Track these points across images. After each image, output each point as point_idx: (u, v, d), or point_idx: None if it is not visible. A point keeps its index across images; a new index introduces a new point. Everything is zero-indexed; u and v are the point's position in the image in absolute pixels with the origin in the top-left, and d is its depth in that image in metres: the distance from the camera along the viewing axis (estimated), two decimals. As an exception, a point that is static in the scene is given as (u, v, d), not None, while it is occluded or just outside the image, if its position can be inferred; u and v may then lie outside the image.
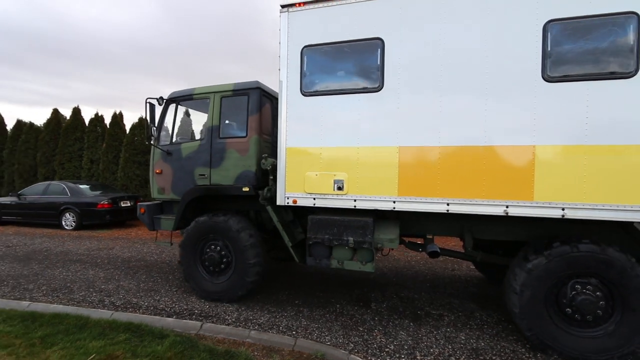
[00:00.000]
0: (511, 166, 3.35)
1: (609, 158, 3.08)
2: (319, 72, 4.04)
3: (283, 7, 4.04)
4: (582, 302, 3.16)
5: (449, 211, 3.54)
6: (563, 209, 3.20)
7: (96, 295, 4.61)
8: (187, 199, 4.61)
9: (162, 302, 4.42)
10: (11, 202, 10.47)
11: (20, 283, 5.06)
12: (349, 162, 3.86)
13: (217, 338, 3.46)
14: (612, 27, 3.06)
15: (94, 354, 3.00)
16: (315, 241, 4.05)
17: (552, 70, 3.21)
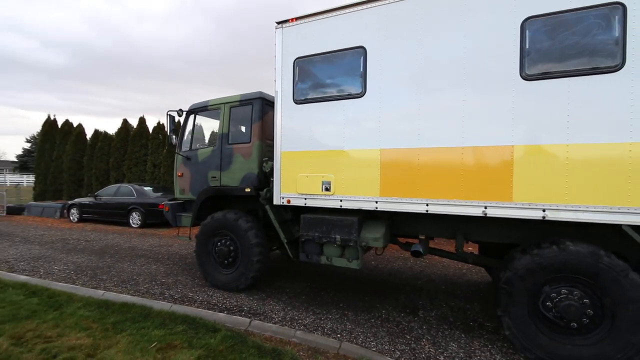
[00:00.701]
0: (490, 167, 3.32)
1: (593, 157, 2.94)
2: (309, 81, 4.29)
3: (278, 23, 4.41)
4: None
5: (429, 211, 3.59)
6: (544, 210, 3.12)
7: (158, 288, 5.04)
8: (201, 198, 5.18)
9: (214, 298, 4.68)
10: (89, 202, 11.87)
11: (97, 274, 5.71)
12: (335, 165, 4.09)
13: (264, 335, 3.58)
14: (595, 20, 2.93)
15: (156, 342, 3.27)
16: (307, 238, 4.32)
17: (530, 68, 3.15)
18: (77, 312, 3.91)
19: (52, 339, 3.31)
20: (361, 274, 5.90)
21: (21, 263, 6.29)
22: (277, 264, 6.42)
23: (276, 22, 4.43)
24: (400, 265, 6.59)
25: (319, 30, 4.17)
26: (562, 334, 3.10)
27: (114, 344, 3.24)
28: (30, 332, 3.42)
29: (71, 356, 2.99)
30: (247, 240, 4.70)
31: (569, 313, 3.03)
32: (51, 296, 4.41)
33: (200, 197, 5.21)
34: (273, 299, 4.69)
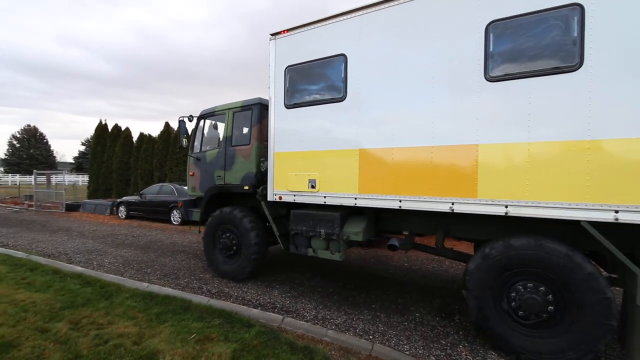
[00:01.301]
0: (456, 165, 3.45)
1: (553, 154, 3.01)
2: (298, 87, 4.64)
3: (272, 35, 4.78)
4: None
5: (401, 207, 3.81)
6: (506, 207, 3.21)
7: (196, 283, 5.28)
8: (208, 195, 5.78)
9: (248, 294, 4.83)
10: (135, 200, 12.73)
11: (142, 267, 6.11)
12: (319, 164, 4.41)
13: (296, 333, 3.63)
14: (554, 22, 3.01)
15: (195, 334, 3.44)
16: (296, 232, 4.72)
17: (494, 70, 3.26)
18: (125, 302, 4.20)
19: (104, 326, 3.59)
20: (394, 276, 5.79)
21: (77, 255, 6.89)
22: (309, 264, 6.48)
23: (270, 34, 4.82)
24: (434, 267, 6.38)
25: (306, 40, 4.53)
26: (523, 325, 3.23)
27: (157, 333, 3.44)
28: (85, 319, 3.74)
29: (120, 343, 3.23)
30: (243, 226, 5.21)
31: (530, 306, 3.15)
32: (102, 286, 4.78)
33: (207, 194, 5.79)
34: (305, 297, 4.74)
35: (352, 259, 6.86)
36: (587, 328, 2.93)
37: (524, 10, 3.10)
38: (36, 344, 3.20)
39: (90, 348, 3.14)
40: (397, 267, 6.40)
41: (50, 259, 6.38)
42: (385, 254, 7.37)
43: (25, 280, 4.99)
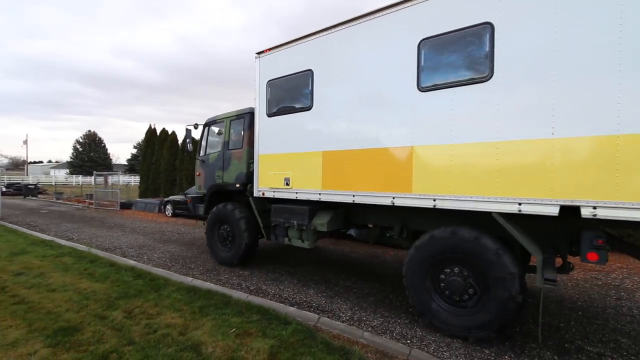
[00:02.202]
0: (396, 164, 3.97)
1: (470, 155, 3.43)
2: (276, 98, 5.33)
3: (257, 54, 5.54)
4: None
5: (354, 202, 4.35)
6: (434, 200, 3.67)
7: (236, 279, 5.50)
8: (209, 192, 6.63)
9: (285, 292, 4.93)
10: (180, 199, 13.53)
11: (186, 262, 6.48)
12: (292, 164, 5.08)
13: (332, 333, 3.64)
14: (471, 38, 3.42)
15: (235, 328, 3.58)
16: (276, 223, 5.47)
17: (424, 81, 3.73)
18: (172, 295, 4.48)
19: (153, 316, 3.86)
20: (432, 279, 5.59)
21: (130, 250, 7.47)
22: (345, 265, 6.46)
23: (255, 53, 5.57)
24: (477, 272, 6.06)
25: (283, 57, 5.22)
26: (451, 305, 3.66)
27: (201, 326, 3.63)
28: (137, 309, 4.05)
29: (167, 332, 3.45)
30: (235, 216, 5.98)
31: (455, 288, 3.59)
32: (152, 279, 5.14)
33: (209, 191, 6.65)
34: (341, 297, 4.73)
35: (389, 261, 6.73)
36: (499, 303, 3.30)
37: (448, 29, 3.56)
38: (96, 329, 3.52)
39: (142, 336, 3.39)
40: (436, 270, 6.17)
41: (108, 253, 6.98)
42: (423, 256, 7.13)
43: (87, 271, 5.51)
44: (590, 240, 3.03)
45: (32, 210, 15.19)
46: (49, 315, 3.82)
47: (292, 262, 6.59)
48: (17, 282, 4.94)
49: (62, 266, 5.80)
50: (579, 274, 5.87)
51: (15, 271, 5.48)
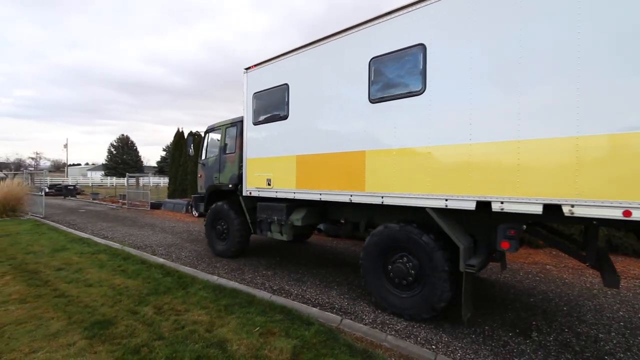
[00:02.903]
0: (353, 166, 4.55)
1: (408, 157, 4.00)
2: (260, 108, 6.05)
3: (245, 69, 6.29)
4: None
5: (321, 199, 5.01)
6: (382, 197, 4.24)
7: (260, 279, 5.59)
8: (208, 192, 7.48)
9: (307, 293, 4.95)
10: (206, 200, 13.91)
11: (212, 261, 6.66)
12: (273, 166, 5.76)
13: (355, 335, 3.61)
14: (408, 57, 3.97)
15: (259, 327, 3.63)
16: (261, 219, 6.23)
17: (374, 94, 4.32)
18: (198, 293, 4.62)
19: (181, 312, 4.00)
20: (459, 284, 5.42)
21: (160, 248, 7.78)
22: (367, 266, 6.40)
23: (244, 69, 6.30)
24: (507, 277, 5.82)
25: (266, 73, 5.91)
26: (394, 286, 4.20)
27: (226, 323, 3.72)
28: (166, 305, 4.21)
29: (194, 329, 3.56)
30: (230, 216, 6.70)
31: (399, 273, 4.12)
32: (180, 277, 5.33)
33: (207, 191, 7.50)
34: (364, 300, 4.69)
35: (413, 264, 6.60)
36: (433, 290, 3.81)
37: (392, 49, 4.14)
38: (129, 323, 3.69)
39: (171, 331, 3.51)
40: (463, 274, 5.97)
41: (139, 251, 7.31)
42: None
43: (120, 268, 5.80)
44: (504, 231, 3.46)
45: (71, 209, 16.19)
46: (86, 309, 4.05)
47: (315, 263, 6.61)
48: (58, 277, 5.27)
49: (98, 263, 6.14)
50: (622, 282, 5.49)
51: (56, 266, 5.86)
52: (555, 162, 3.06)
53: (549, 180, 3.10)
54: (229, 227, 6.76)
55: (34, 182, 27.72)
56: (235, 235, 6.63)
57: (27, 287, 4.81)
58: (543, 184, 3.13)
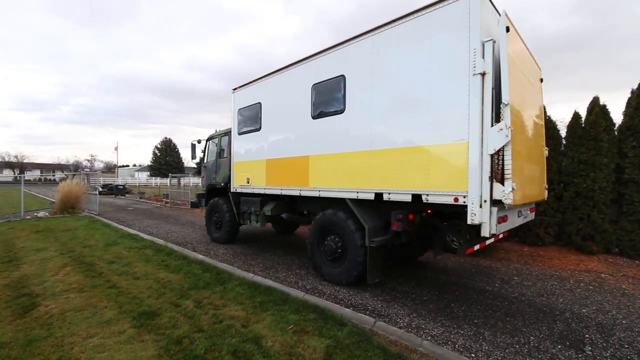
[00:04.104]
0: (301, 167, 5.81)
1: (336, 160, 5.26)
2: (243, 121, 7.51)
3: (233, 90, 7.78)
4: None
5: (282, 193, 6.34)
6: (319, 191, 5.52)
7: (293, 277, 5.67)
8: (207, 189, 9.21)
9: (341, 293, 4.94)
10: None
11: (247, 259, 6.88)
12: (251, 168, 7.19)
13: (389, 338, 3.55)
14: (335, 85, 5.27)
15: (292, 325, 3.69)
16: (243, 210, 7.61)
17: (314, 112, 5.61)
18: (235, 289, 4.79)
19: (219, 307, 4.17)
20: (501, 291, 5.13)
21: (199, 245, 8.17)
22: (399, 268, 6.26)
23: (232, 89, 7.78)
24: (554, 285, 5.41)
25: (246, 93, 7.36)
26: (328, 260, 5.39)
27: (261, 320, 3.82)
28: (206, 299, 4.41)
29: (231, 324, 3.69)
30: (223, 209, 8.16)
31: (329, 249, 5.33)
32: (218, 273, 5.55)
33: (207, 189, 9.23)
34: (398, 302, 4.60)
35: (450, 268, 6.35)
36: (353, 260, 4.94)
37: (325, 78, 5.43)
38: (172, 315, 3.91)
39: (209, 325, 3.68)
40: (505, 280, 5.64)
41: (180, 247, 7.73)
42: (489, 264, 6.59)
43: (164, 263, 6.17)
44: (395, 215, 4.58)
45: (120, 207, 17.49)
46: (135, 300, 4.36)
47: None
48: (110, 270, 5.72)
49: (145, 257, 6.58)
50: (693, 294, 4.88)
51: (108, 260, 6.37)
52: (417, 163, 4.23)
53: (414, 177, 4.26)
54: (222, 218, 8.20)
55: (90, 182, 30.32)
56: (226, 225, 8.05)
57: (84, 277, 5.27)
58: (411, 180, 4.29)
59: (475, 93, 3.62)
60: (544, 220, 7.95)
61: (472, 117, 3.65)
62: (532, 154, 4.63)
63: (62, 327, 3.63)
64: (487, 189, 3.56)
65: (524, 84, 4.35)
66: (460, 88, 3.75)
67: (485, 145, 3.58)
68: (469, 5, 3.68)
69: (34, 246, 7.55)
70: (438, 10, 3.97)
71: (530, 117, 4.57)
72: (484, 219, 3.59)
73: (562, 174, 7.96)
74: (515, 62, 4.01)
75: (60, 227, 10.24)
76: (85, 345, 3.24)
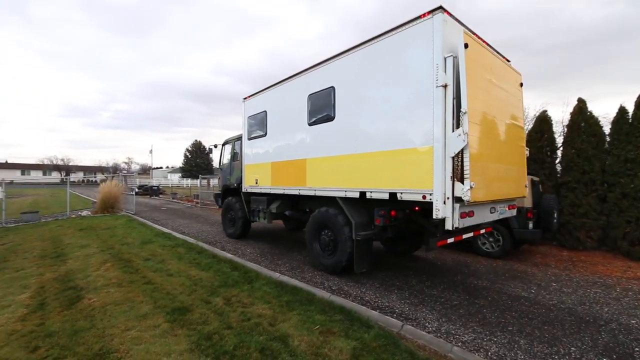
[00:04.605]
0: (300, 169, 6.49)
1: (327, 163, 5.85)
2: (251, 128, 8.24)
3: (243, 99, 8.54)
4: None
5: (285, 192, 6.99)
6: (315, 191, 6.17)
7: (319, 278, 5.69)
8: (222, 190, 10.13)
9: (367, 295, 4.89)
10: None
11: (274, 259, 6.98)
12: (259, 170, 7.85)
13: (417, 343, 3.47)
14: (327, 95, 5.87)
15: (319, 325, 3.70)
16: (253, 208, 8.34)
17: (310, 119, 6.26)
18: (262, 288, 4.88)
19: (247, 305, 4.27)
20: (538, 298, 4.86)
21: (228, 244, 8.41)
22: (427, 271, 6.10)
23: (242, 99, 8.56)
24: (598, 293, 5.04)
25: (254, 102, 8.11)
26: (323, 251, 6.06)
27: (287, 319, 3.87)
28: (234, 297, 4.52)
29: (259, 322, 3.77)
30: (236, 207, 9.00)
31: (324, 242, 5.99)
32: (245, 272, 5.69)
33: (222, 189, 10.15)
34: (426, 306, 4.48)
35: (481, 272, 6.11)
36: (343, 251, 5.48)
37: (318, 89, 6.02)
38: (202, 311, 4.06)
39: (238, 322, 3.77)
40: (542, 286, 5.34)
41: (210, 246, 7.99)
42: (524, 269, 6.27)
43: (195, 261, 6.41)
44: (377, 212, 5.03)
45: (155, 207, 18.38)
46: (168, 296, 4.56)
47: (373, 265, 6.51)
48: (146, 266, 6.03)
49: (177, 255, 6.87)
50: None
51: (144, 257, 6.71)
52: (392, 165, 4.76)
53: (390, 178, 4.77)
54: (235, 215, 9.03)
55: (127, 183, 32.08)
56: (239, 222, 8.87)
57: (123, 273, 5.59)
58: (388, 180, 4.81)
59: (438, 103, 4.08)
60: (585, 224, 7.46)
61: (435, 124, 4.11)
62: (503, 154, 4.91)
63: (103, 319, 3.87)
64: (449, 188, 4.05)
65: (493, 92, 4.69)
66: (426, 98, 4.23)
67: (447, 149, 4.04)
68: (432, 26, 4.17)
69: (78, 243, 8.11)
70: (408, 29, 4.47)
71: (502, 121, 4.88)
72: (447, 214, 4.06)
73: (606, 173, 7.42)
74: (481, 72, 4.41)
75: (101, 225, 10.92)
76: (124, 337, 3.43)
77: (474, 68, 4.22)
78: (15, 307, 4.29)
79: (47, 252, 7.22)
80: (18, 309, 4.25)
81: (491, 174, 4.56)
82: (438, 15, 4.13)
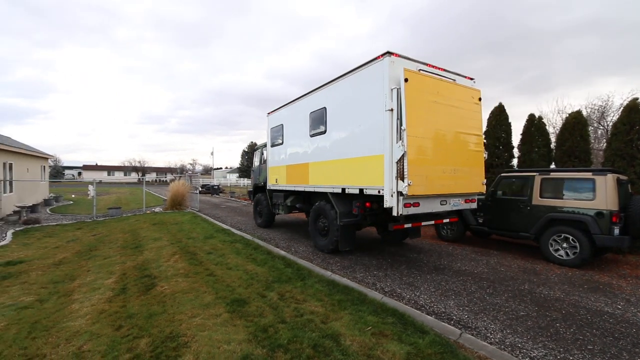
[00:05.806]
0: (304, 171, 8.25)
1: (322, 166, 7.48)
2: (273, 138, 10.01)
3: (267, 113, 10.31)
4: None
5: (295, 190, 8.76)
6: (315, 188, 7.72)
7: (371, 279, 5.62)
8: (253, 188, 12.18)
9: (421, 299, 4.70)
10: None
11: (326, 258, 7.05)
12: (278, 171, 9.69)
13: (478, 354, 3.24)
14: (321, 114, 7.45)
15: (371, 327, 3.65)
16: (274, 203, 10.15)
17: (311, 132, 7.88)
18: (314, 285, 4.97)
19: (300, 301, 4.38)
20: (625, 315, 4.23)
21: (282, 242, 8.72)
22: (489, 277, 5.65)
23: (267, 113, 10.30)
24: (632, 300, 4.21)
25: (275, 116, 9.87)
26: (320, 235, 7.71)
27: (339, 318, 3.88)
28: (288, 293, 4.68)
29: (311, 319, 3.84)
30: (262, 202, 10.92)
31: (321, 227, 7.65)
32: (298, 269, 5.84)
33: (253, 187, 12.16)
34: (487, 315, 4.17)
35: (554, 281, 5.49)
36: (332, 235, 7.09)
37: (316, 108, 7.69)
38: (258, 304, 4.26)
39: (291, 317, 3.89)
40: (632, 302, 4.63)
41: (265, 242, 8.36)
42: (608, 281, 5.49)
43: (251, 256, 6.76)
44: (354, 203, 6.53)
45: (216, 205, 19.77)
46: (228, 288, 4.88)
47: (429, 268, 6.24)
48: (208, 259, 6.52)
49: (235, 250, 7.31)
50: None
51: (207, 250, 7.26)
52: (360, 168, 6.22)
53: (359, 177, 6.23)
54: (262, 209, 10.95)
55: (192, 182, 35.00)
56: (265, 213, 10.80)
57: (189, 265, 6.12)
58: (358, 179, 6.27)
59: (387, 122, 5.48)
60: (691, 231, 6.30)
61: (385, 138, 5.50)
62: (450, 158, 5.95)
63: (173, 305, 4.27)
64: (395, 184, 5.38)
65: (439, 110, 5.80)
66: (380, 119, 5.62)
67: (393, 156, 5.41)
68: (382, 66, 5.61)
69: (152, 236, 9.06)
70: (368, 68, 5.97)
71: (450, 132, 6.00)
72: (393, 204, 5.42)
73: None
74: (425, 96, 5.61)
75: (170, 220, 12.08)
76: (190, 323, 3.76)
77: (415, 95, 5.44)
78: (104, 290, 4.95)
79: (127, 243, 8.20)
80: (106, 292, 4.90)
81: (434, 174, 5.66)
82: (386, 58, 5.53)
